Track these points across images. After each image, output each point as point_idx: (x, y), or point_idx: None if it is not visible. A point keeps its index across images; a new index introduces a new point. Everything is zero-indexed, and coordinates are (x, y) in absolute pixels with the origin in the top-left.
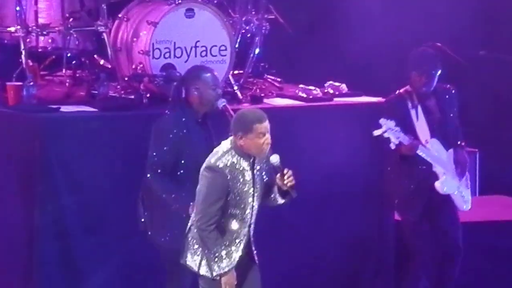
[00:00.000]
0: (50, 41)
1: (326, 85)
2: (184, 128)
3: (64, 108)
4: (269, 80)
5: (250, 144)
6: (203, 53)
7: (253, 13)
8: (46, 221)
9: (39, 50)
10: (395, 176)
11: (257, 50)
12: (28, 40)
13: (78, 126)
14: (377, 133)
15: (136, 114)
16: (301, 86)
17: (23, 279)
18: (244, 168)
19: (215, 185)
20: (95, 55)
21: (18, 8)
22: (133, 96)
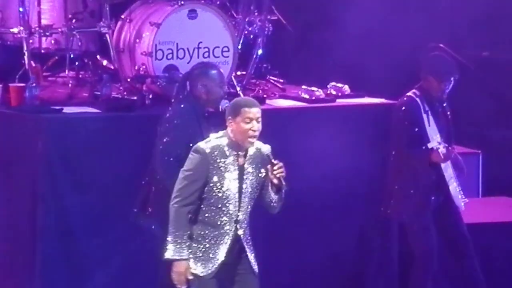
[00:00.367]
0: (53, 42)
1: (329, 86)
2: (196, 122)
3: (67, 109)
4: (272, 81)
5: (237, 129)
6: (206, 54)
7: (256, 14)
8: (50, 222)
9: (42, 51)
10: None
11: (260, 51)
12: (31, 41)
13: (81, 127)
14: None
15: (139, 115)
16: (304, 87)
17: (27, 279)
18: (230, 159)
19: (196, 166)
20: (98, 56)
21: (21, 9)
22: (136, 97)
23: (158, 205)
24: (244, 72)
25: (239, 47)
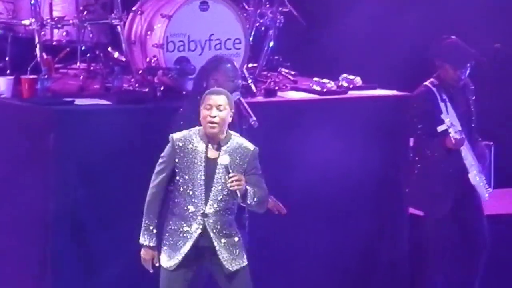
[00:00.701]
0: (65, 34)
1: (340, 78)
2: None
3: (79, 101)
4: (283, 73)
5: (201, 116)
6: (217, 46)
7: (267, 6)
8: (61, 214)
9: (54, 43)
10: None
11: (271, 43)
12: (43, 33)
13: (92, 119)
14: (442, 129)
15: (150, 107)
16: (315, 79)
17: (39, 271)
18: (198, 149)
19: (165, 155)
20: (109, 48)
21: (33, 1)
22: (147, 89)
23: None
24: (256, 64)
25: (251, 39)
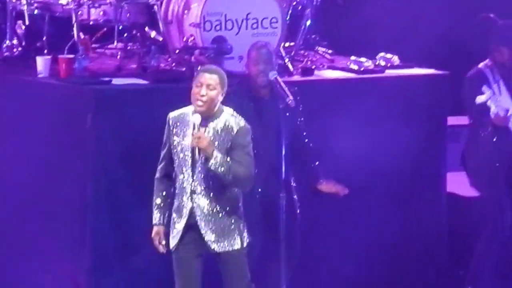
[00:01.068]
0: (102, 14)
1: (378, 57)
2: (247, 100)
3: (116, 81)
4: (320, 52)
5: (191, 92)
6: (254, 26)
7: None
8: (99, 194)
9: (91, 23)
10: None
11: (308, 22)
12: (80, 13)
13: (130, 99)
14: (480, 100)
15: (187, 87)
16: (353, 58)
17: (77, 251)
18: (189, 125)
19: (165, 133)
20: (146, 28)
21: None
22: (184, 69)
23: None
24: (293, 43)
25: (288, 18)
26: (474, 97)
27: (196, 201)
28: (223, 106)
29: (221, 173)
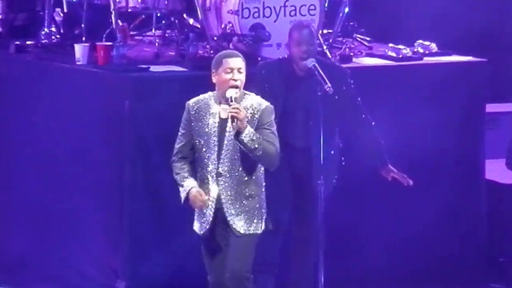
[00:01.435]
0: (140, 1)
1: (416, 44)
2: (279, 79)
3: (154, 68)
4: (358, 39)
5: (219, 80)
6: (292, 13)
7: None
8: (137, 180)
9: (129, 10)
10: None
11: (346, 9)
12: (118, 0)
13: (168, 86)
14: None
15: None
16: (391, 45)
17: (115, 238)
18: (212, 111)
19: (183, 120)
20: (185, 15)
21: None
22: None
23: None
24: (331, 30)
25: (326, 5)
26: None
27: (222, 184)
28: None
29: (252, 148)
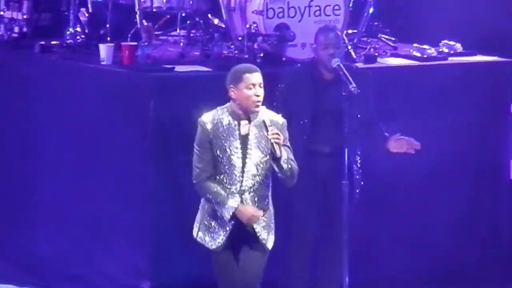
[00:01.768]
0: (165, 1)
1: (441, 44)
2: (306, 82)
3: (178, 68)
4: (383, 39)
5: (241, 96)
6: (317, 13)
7: None
8: (161, 181)
9: (154, 10)
10: None
11: (371, 9)
12: (143, 0)
13: (192, 86)
14: None
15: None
16: (416, 45)
17: (139, 238)
18: (231, 127)
19: (199, 138)
20: (209, 15)
21: None
22: (247, 56)
23: None
24: (355, 30)
25: (350, 5)
26: None
27: (245, 200)
28: None
29: (286, 169)
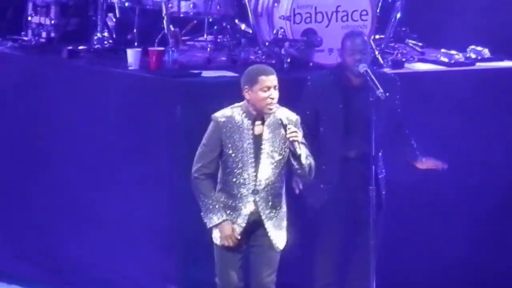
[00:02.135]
0: (192, 6)
1: (468, 50)
2: (332, 87)
3: (206, 73)
4: (411, 45)
5: (255, 98)
6: (344, 18)
7: None
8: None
9: (181, 16)
10: None
11: (399, 15)
12: (170, 6)
13: (219, 91)
14: None
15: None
16: (443, 51)
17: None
18: (244, 126)
19: (210, 135)
20: (236, 20)
21: None
22: (274, 61)
23: None
24: (383, 36)
25: (378, 11)
26: None
27: (258, 199)
28: None
29: (306, 166)
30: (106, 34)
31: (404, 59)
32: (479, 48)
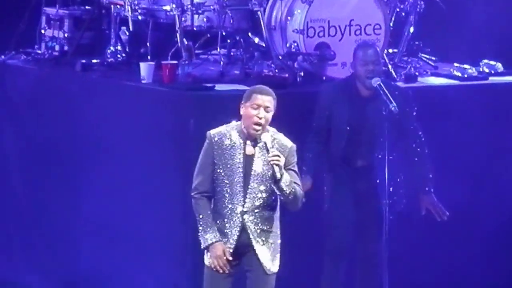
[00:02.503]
0: (205, 20)
1: (482, 64)
2: (342, 98)
3: (219, 87)
4: (424, 59)
5: (245, 114)
6: (357, 32)
7: None
8: None
9: (194, 29)
10: None
11: (412, 29)
12: (183, 19)
13: (233, 104)
14: None
15: (290, 92)
16: (456, 65)
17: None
18: (236, 145)
19: (204, 152)
20: (250, 34)
21: None
22: (287, 75)
23: None
24: (396, 50)
25: (391, 25)
26: None
27: (247, 221)
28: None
29: (288, 193)
30: (120, 48)
31: (417, 73)
32: (492, 62)
